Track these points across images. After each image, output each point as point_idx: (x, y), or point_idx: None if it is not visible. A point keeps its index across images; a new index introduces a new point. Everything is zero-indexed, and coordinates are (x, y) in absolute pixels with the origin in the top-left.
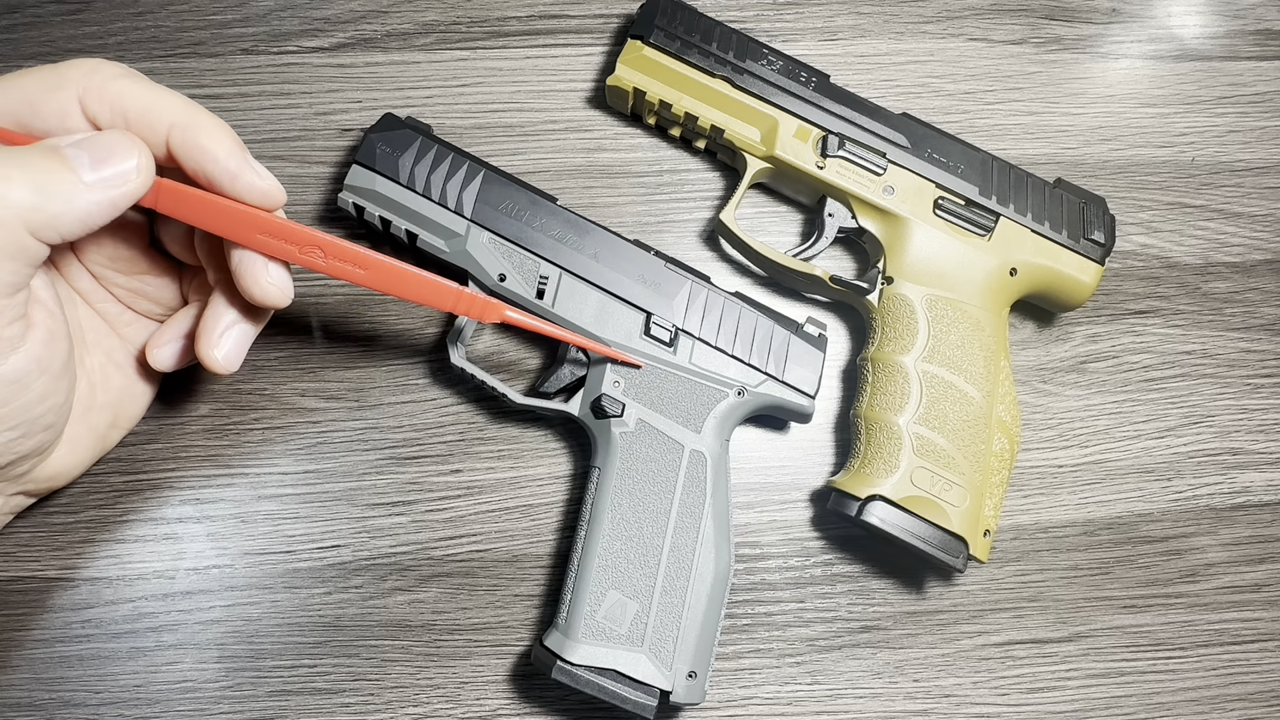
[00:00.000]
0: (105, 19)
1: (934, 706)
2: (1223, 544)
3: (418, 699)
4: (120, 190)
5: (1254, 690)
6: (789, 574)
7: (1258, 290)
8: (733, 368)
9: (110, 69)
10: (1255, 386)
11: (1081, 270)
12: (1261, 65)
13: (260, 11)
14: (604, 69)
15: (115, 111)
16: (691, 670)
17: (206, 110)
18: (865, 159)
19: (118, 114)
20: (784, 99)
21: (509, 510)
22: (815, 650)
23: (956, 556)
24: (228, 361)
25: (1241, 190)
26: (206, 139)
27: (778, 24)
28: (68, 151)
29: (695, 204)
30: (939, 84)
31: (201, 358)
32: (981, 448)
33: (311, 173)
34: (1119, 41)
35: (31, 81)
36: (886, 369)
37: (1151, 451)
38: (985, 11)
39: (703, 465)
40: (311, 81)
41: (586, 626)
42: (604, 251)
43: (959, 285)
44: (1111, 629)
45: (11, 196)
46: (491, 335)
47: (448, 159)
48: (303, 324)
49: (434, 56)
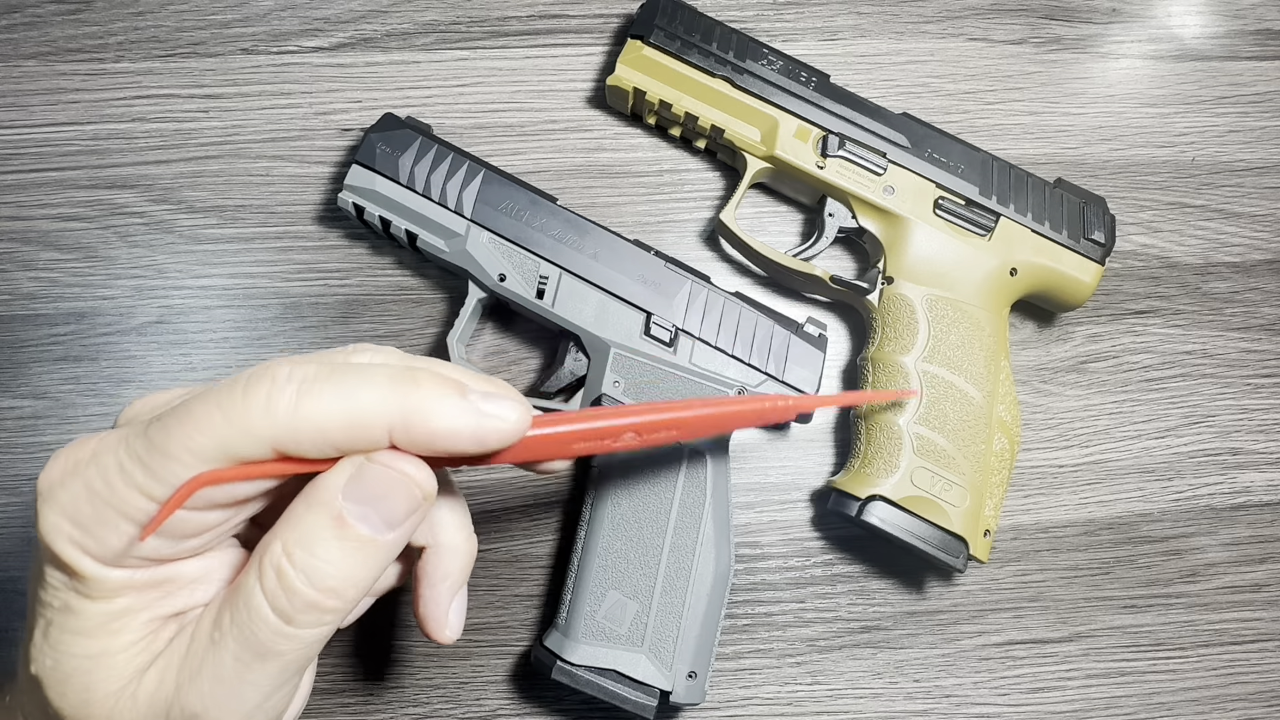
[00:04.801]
0: (105, 19)
1: (934, 706)
2: (1223, 544)
3: (418, 699)
4: (492, 425)
5: (1254, 690)
6: (789, 574)
7: (1258, 290)
8: (733, 368)
9: (283, 395)
10: (1255, 386)
11: (1082, 270)
12: (1261, 65)
13: (260, 11)
14: (604, 69)
15: (317, 442)
16: (691, 670)
17: (414, 375)
18: (865, 159)
19: (322, 444)
20: (784, 99)
21: (509, 510)
22: (815, 650)
23: (957, 556)
24: (456, 634)
25: (1241, 190)
26: (436, 421)
27: (778, 24)
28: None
29: (695, 204)
30: (939, 84)
31: (436, 639)
32: (982, 448)
33: (311, 173)
34: (1119, 41)
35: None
36: (887, 369)
37: (1152, 451)
38: (985, 11)
39: (703, 465)
40: (311, 81)
41: (586, 626)
42: (604, 251)
43: (959, 285)
44: (1112, 629)
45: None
46: (491, 335)
47: (448, 159)
48: (303, 324)
49: (434, 56)
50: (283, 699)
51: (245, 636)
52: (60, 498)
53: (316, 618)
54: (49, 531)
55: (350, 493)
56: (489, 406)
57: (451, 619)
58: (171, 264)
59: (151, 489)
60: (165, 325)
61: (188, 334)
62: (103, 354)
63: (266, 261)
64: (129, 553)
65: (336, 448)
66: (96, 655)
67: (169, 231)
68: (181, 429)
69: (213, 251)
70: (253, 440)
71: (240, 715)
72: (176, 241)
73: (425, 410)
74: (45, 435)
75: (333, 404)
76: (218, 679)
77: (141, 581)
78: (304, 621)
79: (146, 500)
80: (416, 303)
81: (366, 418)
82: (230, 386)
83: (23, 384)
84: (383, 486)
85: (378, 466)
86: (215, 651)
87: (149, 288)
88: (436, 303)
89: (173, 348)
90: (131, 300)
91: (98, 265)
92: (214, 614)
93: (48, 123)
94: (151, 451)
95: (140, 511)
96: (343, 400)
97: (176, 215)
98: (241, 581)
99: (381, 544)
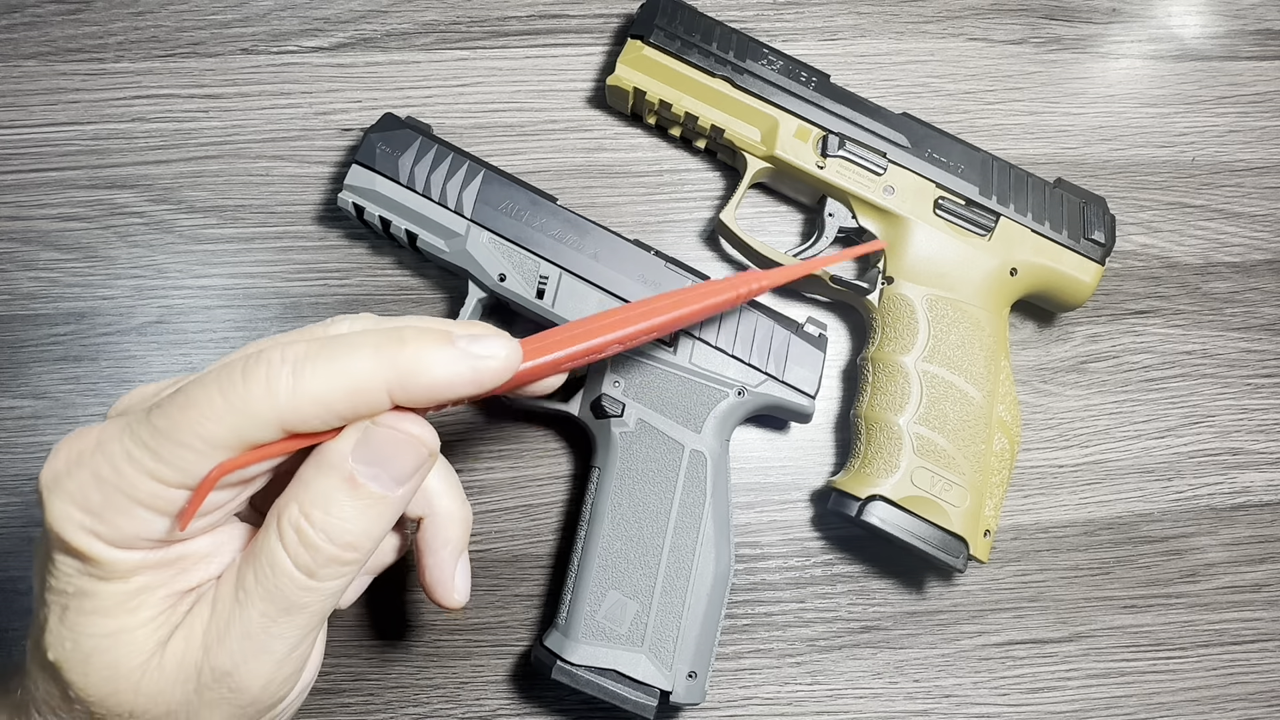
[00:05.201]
0: (105, 19)
1: (934, 706)
2: (1223, 544)
3: (418, 699)
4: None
5: (1254, 690)
6: (789, 574)
7: (1258, 290)
8: (733, 367)
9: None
10: (1255, 386)
11: (1082, 270)
12: (1261, 65)
13: (260, 11)
14: (604, 69)
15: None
16: (691, 670)
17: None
18: (865, 159)
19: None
20: (784, 99)
21: (509, 510)
22: (815, 650)
23: (957, 556)
24: (465, 598)
25: (1241, 190)
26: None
27: (778, 24)
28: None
29: (695, 204)
30: (939, 84)
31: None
32: (982, 448)
33: (311, 173)
34: (1119, 41)
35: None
36: (887, 369)
37: (1152, 451)
38: (985, 11)
39: (703, 465)
40: (311, 81)
41: (586, 626)
42: (604, 251)
43: (959, 285)
44: (1111, 629)
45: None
46: None
47: (448, 159)
48: (303, 324)
49: (434, 56)
50: (306, 649)
51: (271, 593)
52: (68, 487)
53: (337, 570)
54: (59, 520)
55: (360, 455)
56: (478, 348)
57: (459, 582)
58: (171, 264)
59: (162, 473)
60: (165, 325)
61: (188, 334)
62: (103, 354)
63: (266, 261)
64: (143, 535)
65: (341, 417)
66: (116, 633)
67: (169, 231)
68: (187, 416)
69: (213, 251)
70: (259, 423)
71: (271, 665)
72: (176, 241)
73: (419, 365)
74: (45, 435)
75: (330, 378)
76: (246, 636)
77: (155, 561)
78: (326, 575)
79: (157, 484)
80: (416, 303)
81: (364, 384)
82: (227, 371)
83: (23, 384)
84: (390, 448)
85: (383, 429)
86: (242, 611)
87: (149, 288)
88: (436, 303)
89: (173, 348)
90: (131, 300)
91: (98, 265)
92: (234, 578)
93: (47, 122)
94: (159, 438)
95: (151, 495)
96: (339, 372)
97: (176, 215)
98: (262, 544)
99: (393, 499)
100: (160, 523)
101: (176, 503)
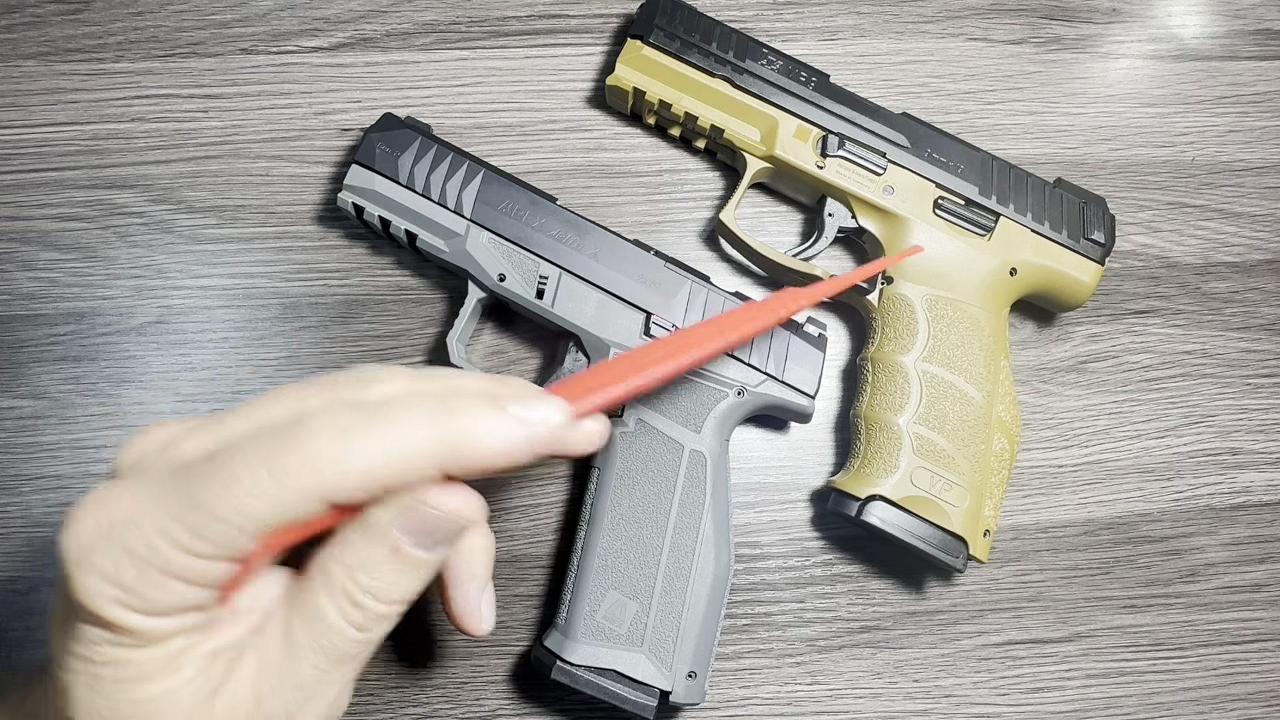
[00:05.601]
0: (105, 19)
1: (934, 706)
2: (1223, 544)
3: (418, 699)
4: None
5: (1254, 690)
6: (789, 574)
7: (1258, 290)
8: (732, 367)
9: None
10: (1255, 386)
11: (1081, 270)
12: (1261, 65)
13: (260, 11)
14: (604, 69)
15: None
16: (691, 670)
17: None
18: (865, 159)
19: (374, 490)
20: (784, 99)
21: (509, 510)
22: (815, 650)
23: (956, 556)
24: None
25: (1241, 190)
26: (485, 446)
27: (778, 24)
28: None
29: (695, 204)
30: (939, 84)
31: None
32: (981, 448)
33: (311, 173)
34: (1119, 41)
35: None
36: (886, 369)
37: (1151, 451)
38: (985, 11)
39: (702, 465)
40: (311, 81)
41: (586, 626)
42: (604, 251)
43: (959, 285)
44: (1111, 629)
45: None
46: (491, 335)
47: (447, 159)
48: (303, 324)
49: (434, 56)
50: (351, 687)
51: (324, 648)
52: (97, 562)
53: (385, 624)
54: (90, 596)
55: (403, 525)
56: (529, 414)
57: (485, 612)
58: (171, 264)
59: (199, 548)
60: (165, 325)
61: (187, 334)
62: (102, 354)
63: (266, 261)
64: (178, 606)
65: (388, 491)
66: (159, 697)
67: (169, 231)
68: (229, 493)
69: (212, 251)
70: (304, 498)
71: (323, 709)
72: (176, 241)
73: (472, 439)
74: (45, 435)
75: (378, 453)
76: (299, 687)
77: (191, 624)
78: (375, 628)
79: (193, 559)
80: (416, 303)
81: (414, 460)
82: (269, 443)
83: (23, 384)
84: (434, 523)
85: (429, 511)
86: (294, 664)
87: (149, 288)
88: (436, 303)
89: (172, 348)
90: (131, 300)
91: (97, 265)
92: (280, 633)
93: (47, 123)
94: (197, 513)
95: (185, 569)
96: (389, 449)
97: (176, 215)
98: (309, 600)
99: (436, 560)
100: (196, 593)
101: (212, 573)
